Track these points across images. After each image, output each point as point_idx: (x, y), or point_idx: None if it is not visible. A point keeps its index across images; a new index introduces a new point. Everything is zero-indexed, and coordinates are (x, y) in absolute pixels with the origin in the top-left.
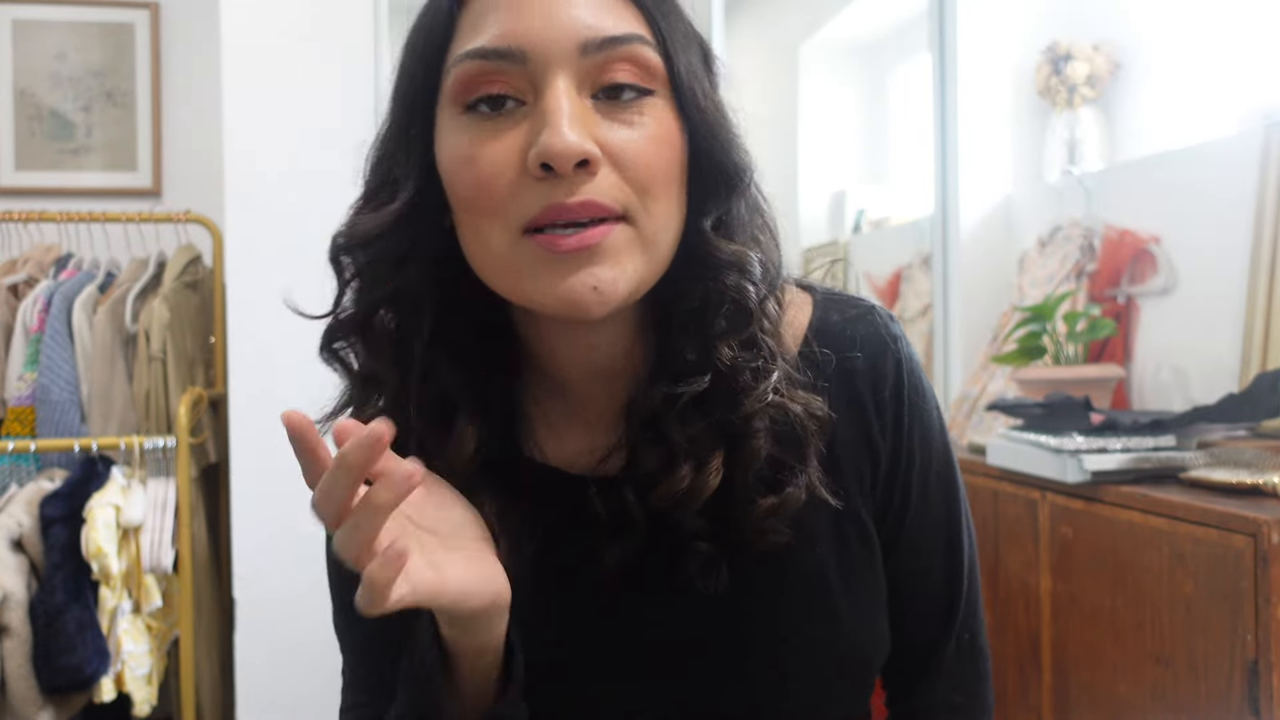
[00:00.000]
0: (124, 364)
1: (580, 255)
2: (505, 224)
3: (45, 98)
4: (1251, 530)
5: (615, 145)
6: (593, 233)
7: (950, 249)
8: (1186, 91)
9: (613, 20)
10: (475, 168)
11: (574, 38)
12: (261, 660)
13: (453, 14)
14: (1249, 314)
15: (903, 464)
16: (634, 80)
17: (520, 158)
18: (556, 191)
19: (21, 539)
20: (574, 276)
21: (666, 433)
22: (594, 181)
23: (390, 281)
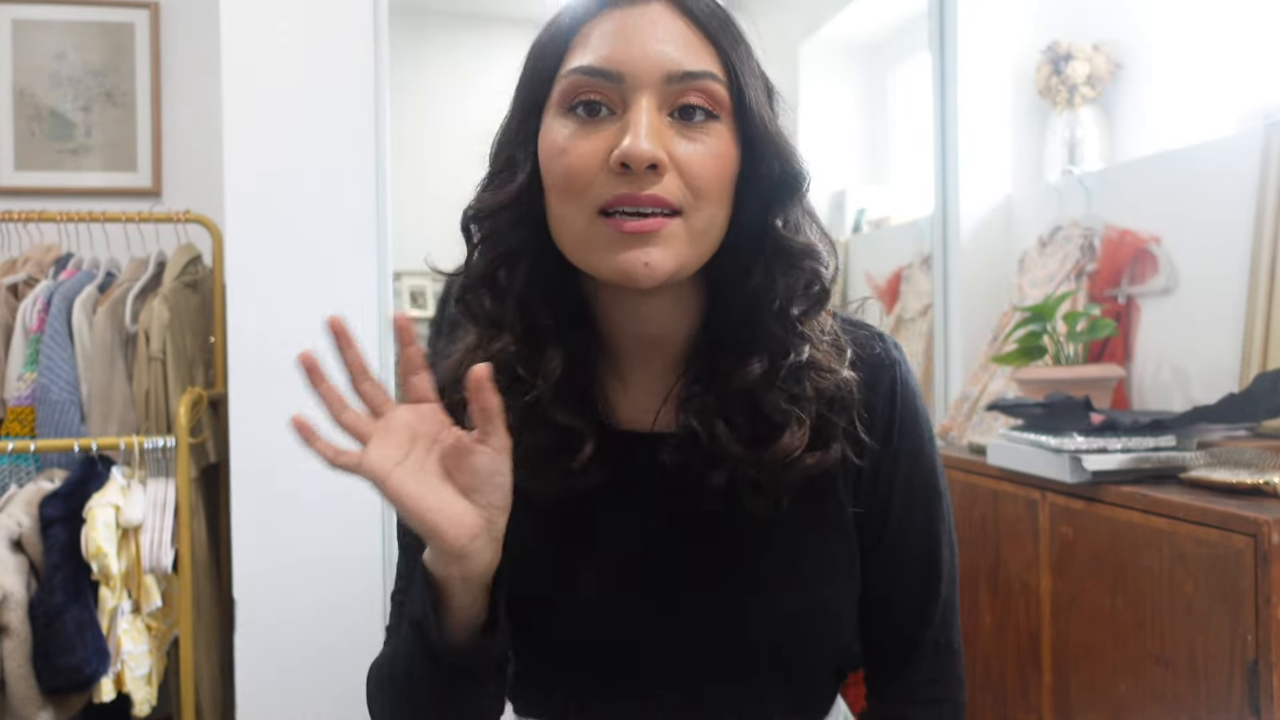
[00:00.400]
0: (124, 364)
1: (640, 237)
2: (584, 206)
3: (45, 97)
4: (1252, 530)
5: (681, 156)
6: (652, 222)
7: (950, 249)
8: (1186, 91)
9: (694, 58)
10: (567, 158)
11: (661, 69)
12: (261, 660)
13: (569, 35)
14: (1249, 314)
15: (887, 471)
16: (704, 105)
17: (605, 155)
18: (630, 184)
19: (21, 539)
20: (631, 253)
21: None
22: (661, 182)
23: (507, 244)
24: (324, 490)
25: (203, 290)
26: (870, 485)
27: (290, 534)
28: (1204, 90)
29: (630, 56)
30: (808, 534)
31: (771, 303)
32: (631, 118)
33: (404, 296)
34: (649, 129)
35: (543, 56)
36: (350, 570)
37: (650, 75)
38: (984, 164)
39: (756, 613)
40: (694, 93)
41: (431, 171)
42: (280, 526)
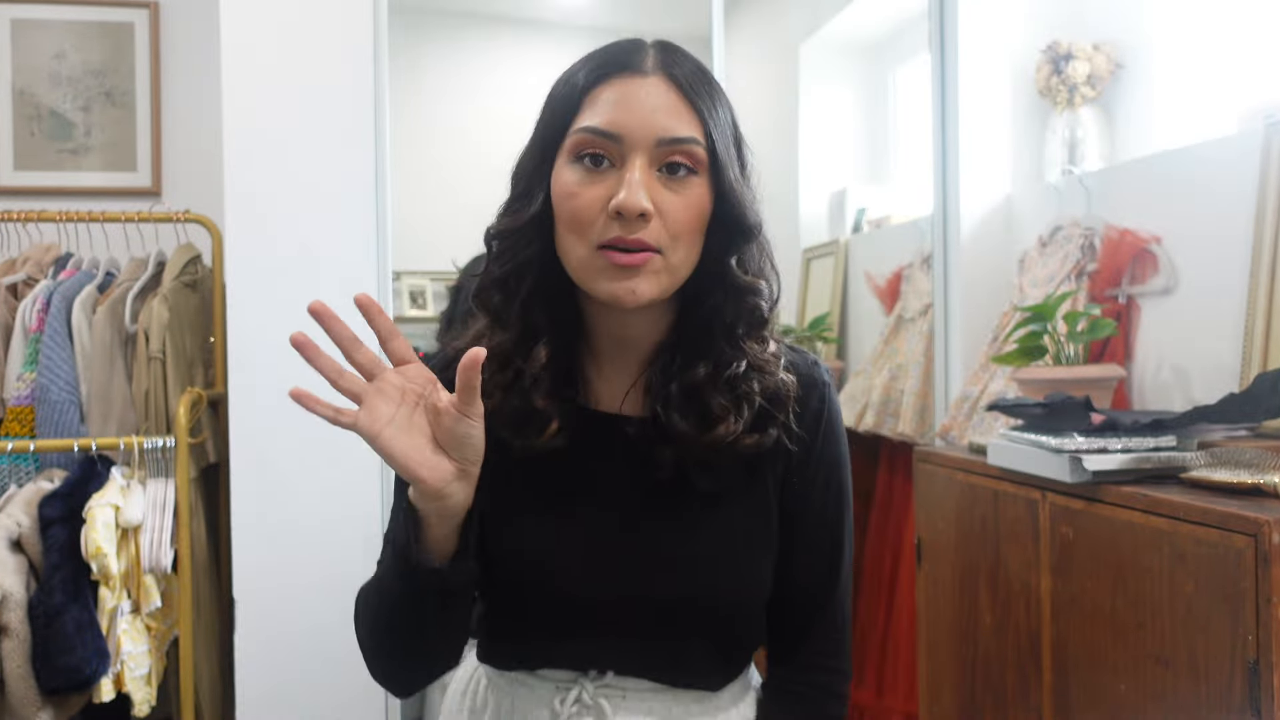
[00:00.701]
0: (123, 364)
1: (629, 269)
2: (586, 240)
3: (44, 97)
4: (1252, 530)
5: (664, 205)
6: (638, 257)
7: (950, 249)
8: (1186, 91)
9: (681, 125)
10: (575, 201)
11: (653, 134)
12: (261, 660)
13: (582, 95)
14: (1249, 314)
15: (810, 471)
16: (686, 163)
17: (604, 202)
18: (623, 228)
19: (21, 539)
20: (621, 282)
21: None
22: (647, 227)
23: (519, 258)
24: (324, 490)
25: (202, 290)
26: (795, 481)
27: (290, 534)
28: (1204, 90)
29: (629, 122)
30: (740, 510)
31: (721, 323)
32: (628, 175)
33: (404, 296)
34: (640, 185)
35: (559, 109)
36: (350, 570)
37: (645, 139)
38: (984, 164)
39: (694, 571)
40: (678, 154)
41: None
42: (280, 527)
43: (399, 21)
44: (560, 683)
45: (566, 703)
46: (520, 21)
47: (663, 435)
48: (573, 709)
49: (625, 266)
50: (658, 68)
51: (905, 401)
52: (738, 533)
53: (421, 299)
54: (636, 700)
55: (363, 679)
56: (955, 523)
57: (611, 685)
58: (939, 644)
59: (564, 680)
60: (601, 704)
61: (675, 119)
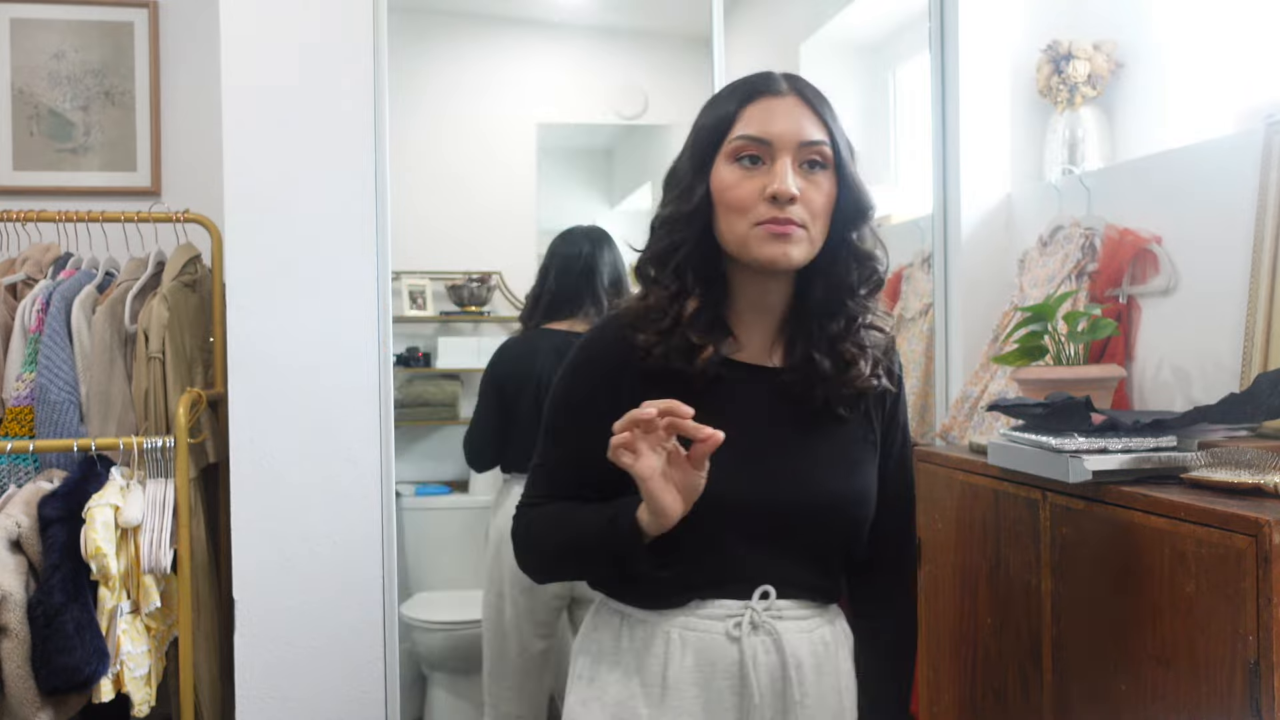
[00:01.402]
0: (123, 364)
1: (783, 237)
2: (746, 220)
3: (44, 97)
4: (1253, 531)
5: (805, 192)
6: (790, 227)
7: (950, 249)
8: (1186, 91)
9: (815, 131)
10: (737, 191)
11: (797, 138)
12: (261, 660)
13: (736, 112)
14: (1249, 314)
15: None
16: (819, 160)
17: (760, 191)
18: (776, 209)
19: (20, 539)
20: (777, 246)
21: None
22: (793, 208)
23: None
24: (324, 490)
25: (202, 290)
26: (889, 426)
27: (290, 534)
28: (1204, 90)
29: (777, 130)
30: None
31: (849, 286)
32: (778, 169)
33: (403, 296)
34: (790, 176)
35: (715, 125)
36: (350, 570)
37: (789, 142)
38: (984, 164)
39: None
40: (814, 152)
41: (431, 171)
42: (280, 526)
43: (399, 21)
44: (731, 612)
45: (743, 625)
46: (520, 21)
47: (803, 378)
48: (748, 629)
49: (780, 235)
50: (791, 90)
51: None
52: (857, 451)
53: (421, 299)
54: (791, 620)
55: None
56: (955, 523)
57: (772, 608)
58: (939, 644)
59: (733, 610)
60: (770, 623)
61: (810, 126)
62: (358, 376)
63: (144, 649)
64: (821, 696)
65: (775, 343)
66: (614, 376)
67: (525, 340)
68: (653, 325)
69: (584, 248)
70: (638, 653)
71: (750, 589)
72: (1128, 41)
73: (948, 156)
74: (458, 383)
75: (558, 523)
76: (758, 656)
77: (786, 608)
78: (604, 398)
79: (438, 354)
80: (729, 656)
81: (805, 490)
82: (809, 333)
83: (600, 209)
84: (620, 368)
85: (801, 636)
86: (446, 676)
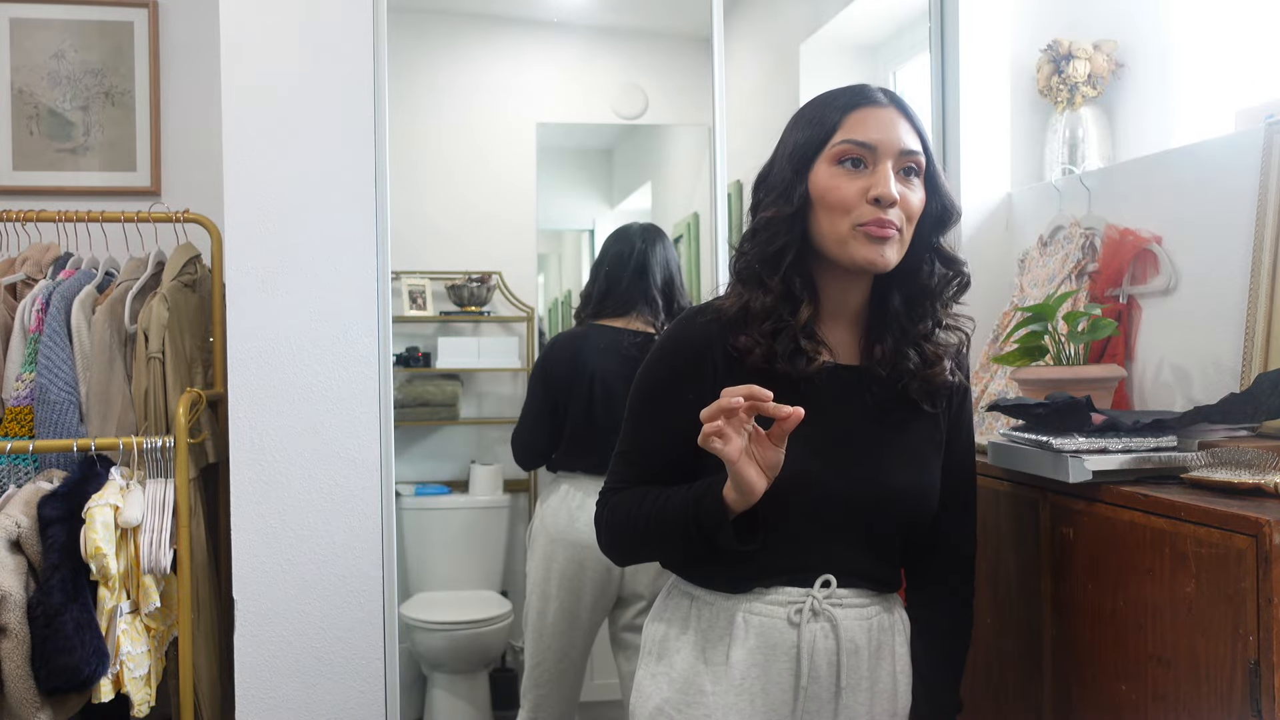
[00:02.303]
0: (122, 364)
1: (882, 240)
2: (847, 221)
3: (43, 97)
4: (1253, 531)
5: (903, 197)
6: (890, 231)
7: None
8: (1186, 91)
9: (912, 141)
10: (840, 193)
11: (897, 147)
12: (260, 660)
13: (839, 119)
14: (1249, 314)
15: (964, 416)
16: (915, 167)
17: (862, 193)
18: (878, 212)
19: (20, 539)
20: (875, 248)
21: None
22: (893, 210)
23: (780, 240)
24: (323, 490)
25: (202, 290)
26: (956, 423)
27: (290, 534)
28: (1204, 90)
29: (881, 138)
30: (930, 428)
31: (933, 289)
32: (880, 174)
33: (404, 296)
34: (891, 180)
35: (817, 130)
36: (350, 570)
37: (891, 150)
38: (984, 164)
39: (907, 465)
40: (911, 161)
41: (431, 171)
42: (280, 526)
43: (399, 21)
44: (793, 599)
45: (804, 612)
46: (520, 21)
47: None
48: (808, 616)
49: (880, 238)
50: (890, 102)
51: None
52: (925, 448)
53: (421, 299)
54: (850, 608)
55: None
56: None
57: (833, 596)
58: None
59: (795, 597)
60: (830, 610)
61: (908, 136)
62: (358, 376)
63: (144, 649)
64: (875, 680)
65: (855, 341)
66: (699, 367)
67: (577, 336)
68: (757, 327)
69: (637, 245)
70: (704, 632)
71: (814, 577)
72: (1128, 41)
73: (948, 156)
74: (457, 383)
75: (641, 502)
76: (816, 642)
77: (846, 596)
78: (689, 387)
79: (438, 354)
80: (789, 640)
81: (875, 483)
82: (897, 331)
83: (600, 209)
84: (705, 359)
85: (859, 624)
86: (446, 676)
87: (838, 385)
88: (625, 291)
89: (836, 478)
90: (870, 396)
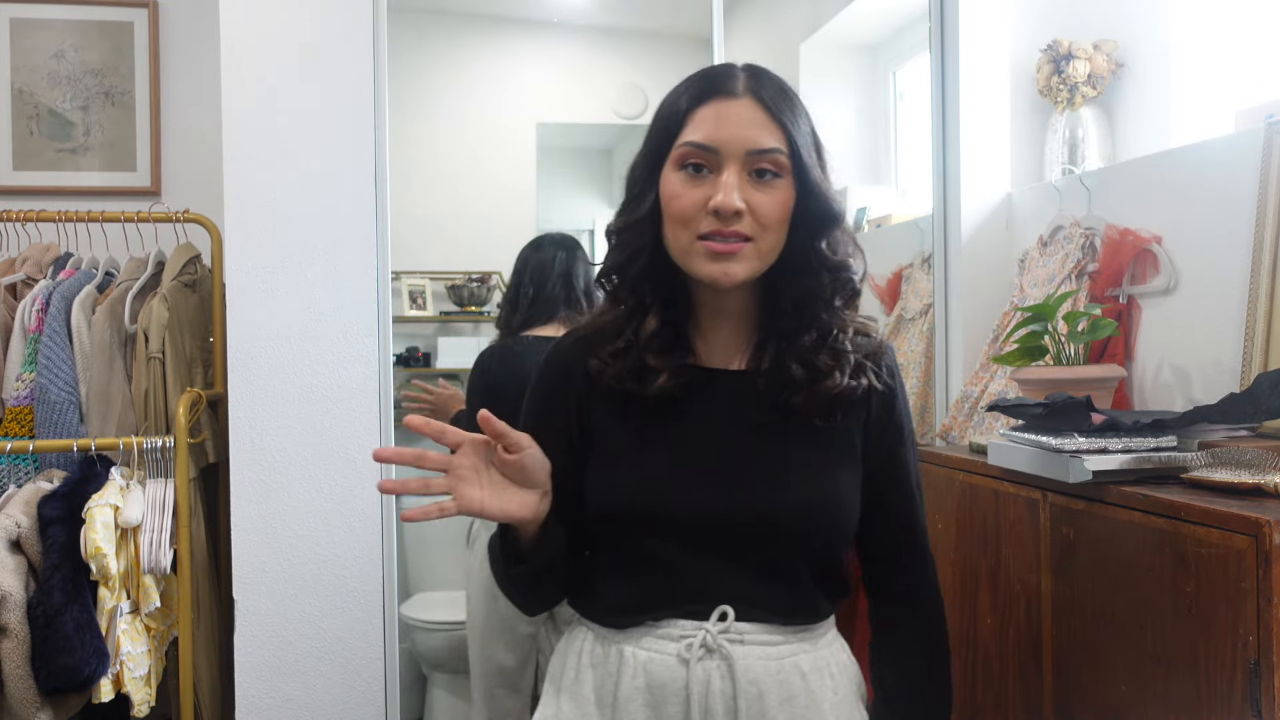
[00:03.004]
0: (122, 364)
1: (724, 255)
2: (689, 232)
3: (43, 97)
4: (1253, 531)
5: (754, 203)
6: (732, 245)
7: (950, 249)
8: (1186, 91)
9: (767, 137)
10: (680, 202)
11: (744, 146)
12: (260, 660)
13: (685, 115)
14: (1249, 314)
15: (895, 422)
16: (771, 168)
17: (704, 202)
18: (720, 223)
19: (20, 539)
20: (718, 265)
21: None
22: (740, 221)
23: (631, 247)
24: (323, 490)
25: (202, 290)
26: (879, 431)
27: (290, 534)
28: (1204, 90)
29: (725, 137)
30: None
31: (821, 297)
32: (723, 180)
33: (403, 296)
34: (734, 188)
35: (666, 127)
36: (350, 570)
37: (737, 151)
38: (984, 164)
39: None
40: (765, 161)
41: (431, 171)
42: (280, 526)
43: (399, 21)
44: (685, 633)
45: (694, 648)
46: (520, 21)
47: (773, 385)
48: (699, 653)
49: (721, 253)
50: (747, 90)
51: None
52: (829, 459)
53: (421, 299)
54: (753, 644)
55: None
56: (955, 523)
57: (731, 631)
58: None
59: (687, 631)
60: (726, 647)
61: (762, 132)
62: (358, 376)
63: (144, 649)
64: None
65: (742, 345)
66: (566, 393)
67: (511, 347)
68: (607, 345)
69: (559, 253)
70: (596, 669)
71: (711, 609)
72: (1128, 41)
73: (948, 157)
74: (457, 383)
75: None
76: (711, 682)
77: (748, 630)
78: (560, 413)
79: (438, 354)
80: (679, 680)
81: (765, 501)
82: (780, 340)
83: (600, 209)
84: (570, 384)
85: (763, 663)
86: (446, 676)
87: (720, 395)
88: (552, 298)
89: (714, 498)
90: (760, 406)
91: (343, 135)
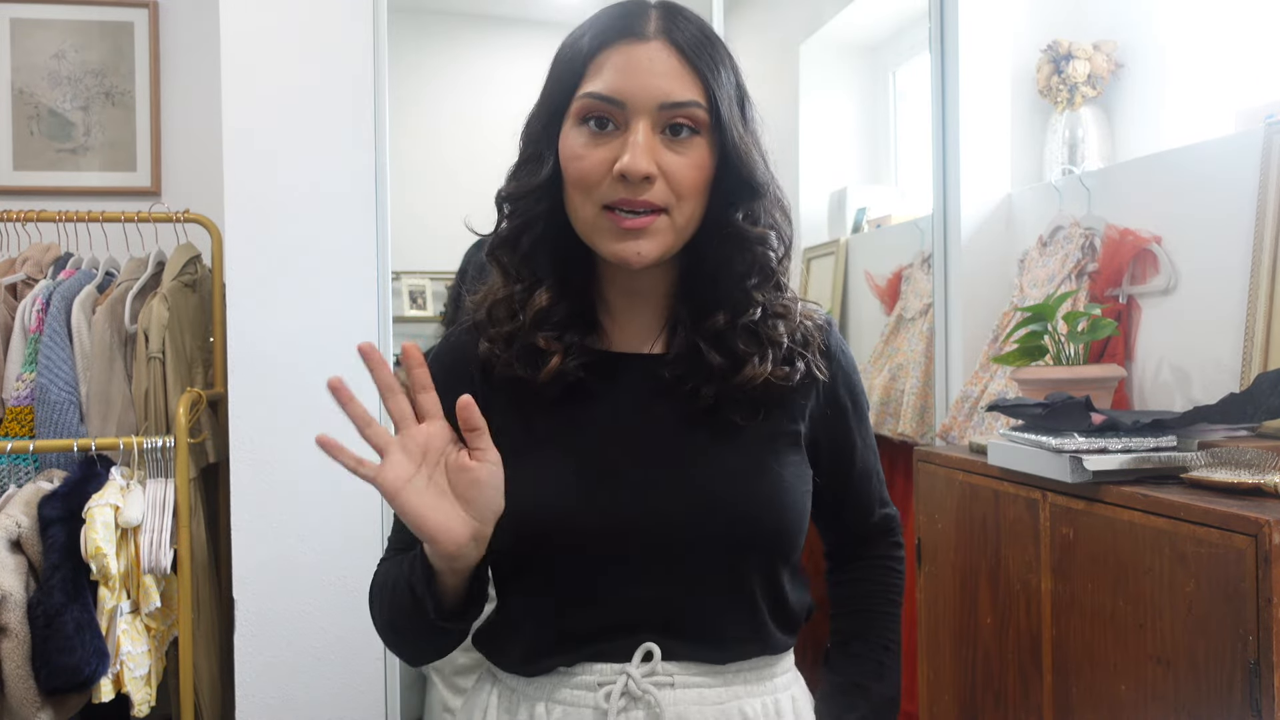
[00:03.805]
0: (123, 364)
1: (633, 232)
2: (593, 200)
3: (44, 97)
4: (1252, 531)
5: (668, 166)
6: (644, 220)
7: (950, 249)
8: (1186, 91)
9: (682, 88)
10: (582, 163)
11: (655, 99)
12: (261, 660)
13: (587, 60)
14: (1249, 314)
15: (840, 403)
16: (688, 124)
17: (609, 164)
18: (628, 190)
19: (20, 539)
20: (627, 244)
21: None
22: (651, 188)
23: (527, 216)
24: (323, 490)
25: (202, 290)
26: (823, 415)
27: (290, 535)
28: (1204, 90)
29: (632, 88)
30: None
31: (730, 274)
32: (631, 138)
33: (403, 296)
34: (644, 148)
35: (565, 74)
36: (350, 570)
37: (647, 104)
38: (984, 164)
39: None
40: (680, 116)
41: (431, 171)
42: (280, 527)
43: (399, 21)
44: (604, 679)
45: (613, 697)
46: (520, 21)
47: (693, 371)
48: (621, 703)
49: (630, 229)
50: (659, 32)
51: (905, 402)
52: (768, 450)
53: (421, 299)
54: (686, 687)
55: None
56: (955, 523)
57: (658, 673)
58: (939, 644)
59: (606, 676)
60: (653, 693)
61: (676, 82)
62: (358, 377)
63: (144, 649)
64: None
65: (658, 327)
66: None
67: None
68: (498, 326)
69: None
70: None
71: (634, 645)
72: (1128, 41)
73: (948, 157)
74: None
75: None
76: None
77: (680, 671)
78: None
79: None
80: None
81: (693, 504)
82: (694, 319)
83: None
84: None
85: (699, 709)
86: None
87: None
88: None
89: (619, 498)
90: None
91: (343, 135)
